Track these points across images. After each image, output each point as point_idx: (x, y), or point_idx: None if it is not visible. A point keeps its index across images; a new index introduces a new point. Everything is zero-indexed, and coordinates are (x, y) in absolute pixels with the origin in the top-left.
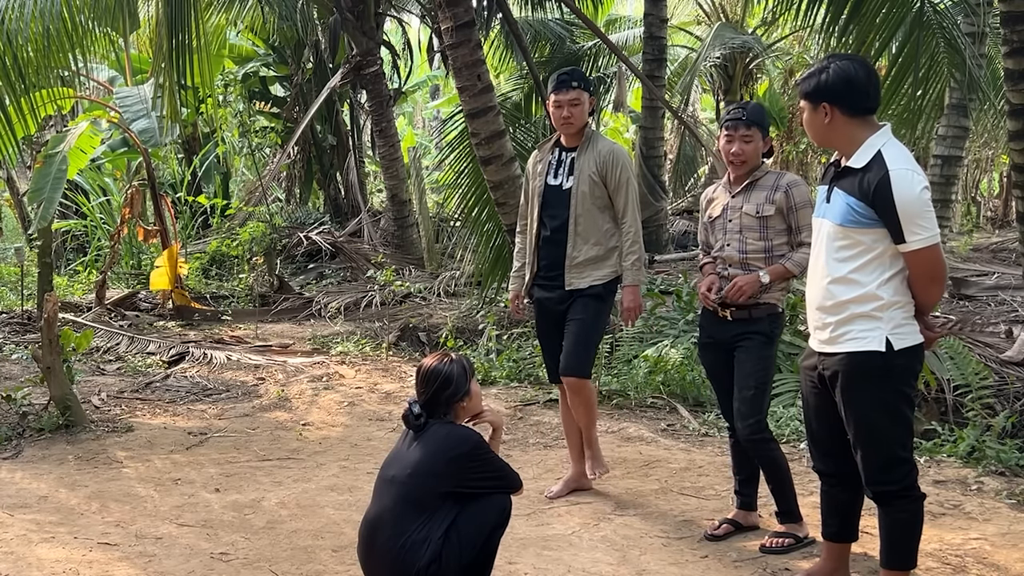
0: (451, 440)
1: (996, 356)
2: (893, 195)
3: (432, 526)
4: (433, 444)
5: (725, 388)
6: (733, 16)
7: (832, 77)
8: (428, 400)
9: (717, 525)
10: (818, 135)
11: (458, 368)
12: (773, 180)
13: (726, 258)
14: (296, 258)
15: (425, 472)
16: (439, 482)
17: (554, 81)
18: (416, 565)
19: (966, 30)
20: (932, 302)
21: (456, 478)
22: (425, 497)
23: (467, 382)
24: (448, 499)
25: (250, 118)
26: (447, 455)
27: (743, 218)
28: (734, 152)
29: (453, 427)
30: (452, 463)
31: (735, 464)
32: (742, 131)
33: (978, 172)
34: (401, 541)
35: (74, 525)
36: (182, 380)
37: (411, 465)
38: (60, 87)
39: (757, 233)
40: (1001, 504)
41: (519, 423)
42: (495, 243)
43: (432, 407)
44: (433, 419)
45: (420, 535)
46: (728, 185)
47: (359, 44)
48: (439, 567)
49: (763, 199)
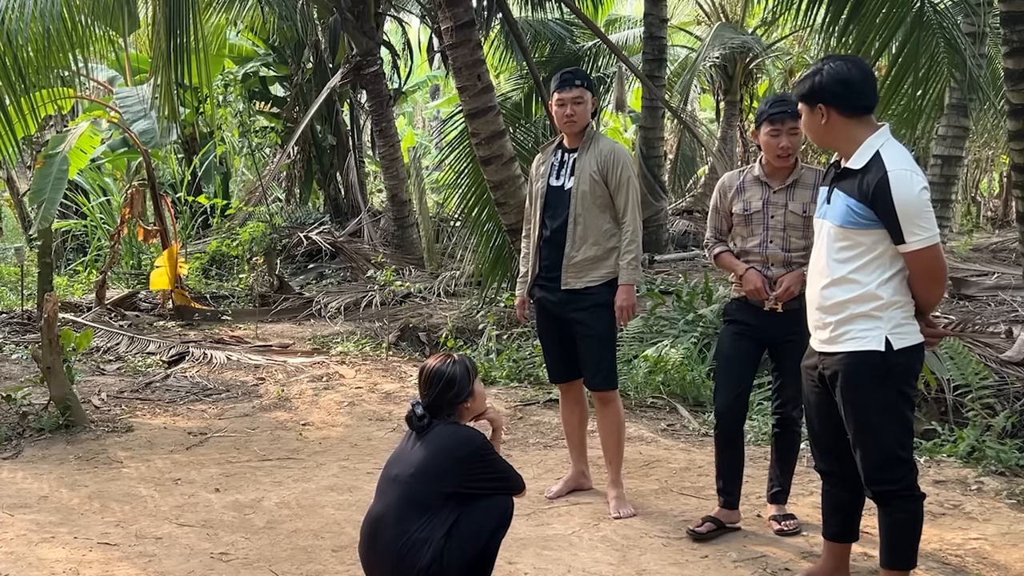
0: (455, 440)
1: (996, 356)
2: (892, 196)
3: (434, 526)
4: (437, 444)
5: (740, 382)
6: (733, 16)
7: (827, 78)
8: (431, 402)
9: (700, 523)
10: (817, 136)
11: (461, 369)
12: (814, 178)
13: (769, 256)
14: (296, 258)
15: (428, 472)
16: (442, 482)
17: (557, 80)
18: (417, 565)
19: (966, 30)
20: (933, 302)
21: (459, 478)
22: (428, 497)
23: (470, 383)
24: (451, 499)
25: (250, 118)
26: (451, 455)
27: (788, 216)
28: (783, 146)
29: (457, 427)
30: (456, 463)
31: (721, 462)
32: (789, 124)
33: (978, 172)
34: (403, 540)
35: (74, 525)
36: (182, 380)
37: (414, 465)
38: (60, 87)
39: (800, 232)
40: (1001, 504)
41: (519, 423)
42: (495, 243)
43: (435, 409)
44: (436, 420)
45: (422, 535)
46: (765, 178)
47: (359, 44)
48: (440, 567)
49: (808, 198)
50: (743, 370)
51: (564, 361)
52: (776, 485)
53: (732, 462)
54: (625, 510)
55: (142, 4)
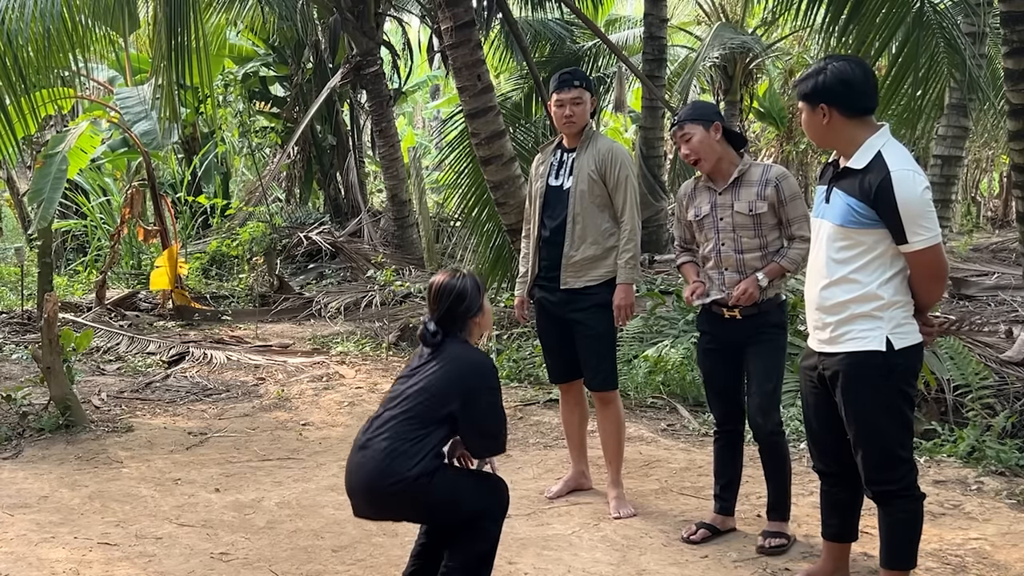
0: (466, 363)
1: (996, 356)
2: (895, 196)
3: (427, 443)
4: (449, 365)
5: (727, 391)
6: (733, 16)
7: (829, 78)
8: (443, 316)
9: (694, 530)
10: (817, 136)
11: (471, 283)
12: (760, 174)
13: (723, 259)
14: (296, 258)
15: (436, 391)
16: (447, 403)
17: (556, 80)
18: (404, 471)
19: (966, 30)
20: (933, 301)
21: (463, 400)
22: (429, 413)
23: (480, 297)
24: (446, 422)
25: (250, 118)
26: (463, 379)
27: (735, 216)
28: (684, 153)
29: (471, 350)
30: (465, 387)
31: (718, 468)
32: (679, 133)
33: (978, 172)
34: (394, 446)
35: (74, 525)
36: (182, 380)
37: (423, 381)
38: (60, 87)
39: (751, 231)
40: (1001, 504)
41: (519, 423)
42: (495, 243)
43: (447, 323)
44: (449, 337)
45: (414, 448)
46: (710, 182)
47: (359, 44)
48: (428, 481)
49: (754, 195)
50: (726, 380)
51: (564, 361)
52: (770, 501)
53: (729, 470)
54: (625, 510)
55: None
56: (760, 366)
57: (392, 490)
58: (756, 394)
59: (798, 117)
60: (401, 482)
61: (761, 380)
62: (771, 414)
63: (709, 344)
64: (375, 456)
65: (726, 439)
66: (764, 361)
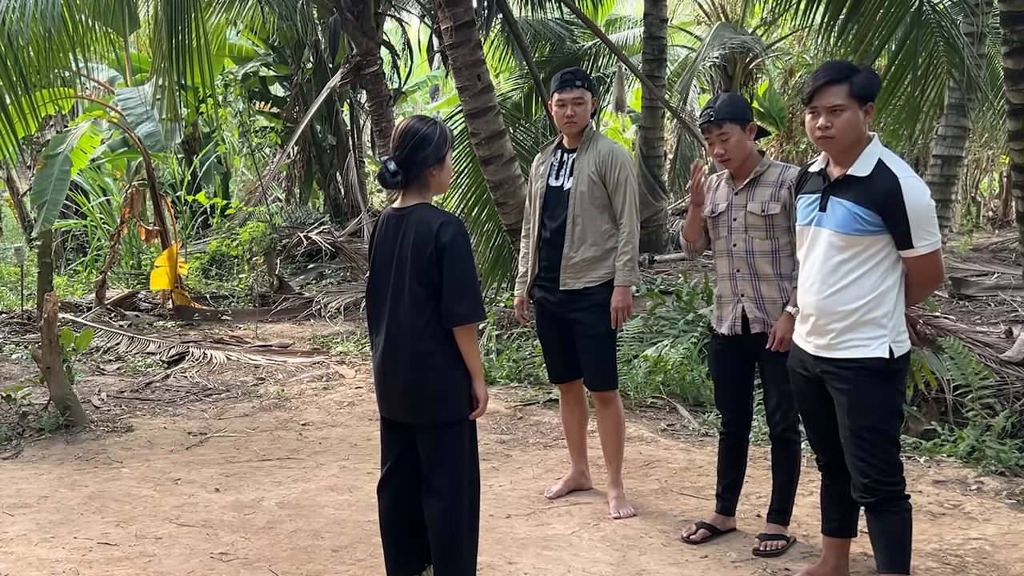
0: (434, 227)
1: (996, 356)
2: (905, 203)
3: (432, 322)
4: (419, 237)
5: (737, 394)
6: (733, 16)
7: (874, 78)
8: (403, 158)
9: (694, 530)
10: (854, 136)
11: (439, 132)
12: (777, 175)
13: (734, 259)
14: (296, 258)
15: (419, 270)
16: (431, 278)
17: (557, 80)
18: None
19: (966, 30)
20: (918, 301)
21: (439, 269)
22: (421, 293)
23: (444, 148)
24: (436, 294)
25: (250, 118)
26: (436, 247)
27: (748, 217)
28: (717, 153)
29: (435, 211)
30: (438, 255)
31: (722, 468)
32: (716, 132)
33: (978, 172)
34: (416, 340)
35: (74, 525)
36: (182, 380)
37: (406, 260)
38: (60, 87)
39: (763, 232)
40: (1001, 504)
41: (519, 423)
42: (495, 243)
43: (407, 166)
44: (408, 182)
45: (428, 331)
46: (730, 180)
47: (359, 44)
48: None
49: (768, 196)
50: (736, 382)
51: (564, 361)
52: (772, 502)
53: (733, 471)
54: (625, 510)
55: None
56: (779, 367)
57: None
58: (774, 395)
59: (798, 117)
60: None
61: (779, 381)
62: (789, 413)
63: (720, 346)
64: (408, 353)
65: (732, 440)
66: (781, 362)
